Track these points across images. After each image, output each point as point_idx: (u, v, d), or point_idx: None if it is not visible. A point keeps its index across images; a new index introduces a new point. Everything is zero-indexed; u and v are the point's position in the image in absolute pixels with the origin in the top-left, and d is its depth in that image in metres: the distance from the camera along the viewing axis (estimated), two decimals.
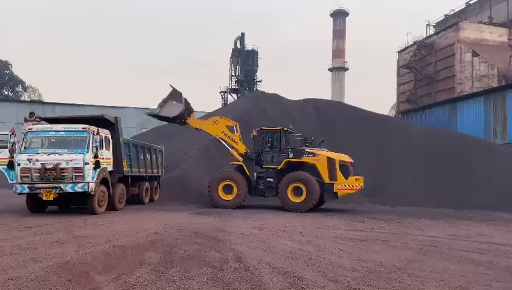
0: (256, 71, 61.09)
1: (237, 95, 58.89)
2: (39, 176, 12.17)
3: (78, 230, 9.62)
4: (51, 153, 12.37)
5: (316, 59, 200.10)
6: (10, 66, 58.12)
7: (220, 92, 60.06)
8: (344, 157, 15.77)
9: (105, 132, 13.61)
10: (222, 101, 58.94)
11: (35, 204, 13.06)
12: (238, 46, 60.81)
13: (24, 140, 12.71)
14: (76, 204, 14.11)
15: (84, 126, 12.77)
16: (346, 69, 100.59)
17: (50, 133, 13.01)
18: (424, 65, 43.55)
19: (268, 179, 15.90)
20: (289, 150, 15.81)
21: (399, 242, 8.93)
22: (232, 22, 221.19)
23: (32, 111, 15.00)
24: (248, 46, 60.86)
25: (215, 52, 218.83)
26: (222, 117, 17.52)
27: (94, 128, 12.87)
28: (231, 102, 53.93)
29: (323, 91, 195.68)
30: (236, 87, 60.53)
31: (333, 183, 15.18)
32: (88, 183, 12.29)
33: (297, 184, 15.12)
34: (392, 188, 19.29)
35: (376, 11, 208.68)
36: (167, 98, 16.62)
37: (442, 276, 6.02)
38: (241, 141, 16.66)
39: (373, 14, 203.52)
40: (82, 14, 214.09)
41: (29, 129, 12.96)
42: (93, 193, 12.55)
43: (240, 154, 16.39)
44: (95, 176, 12.59)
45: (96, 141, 12.64)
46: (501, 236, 10.23)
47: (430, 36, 44.65)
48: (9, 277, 5.49)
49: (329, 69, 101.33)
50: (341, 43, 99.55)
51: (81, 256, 6.79)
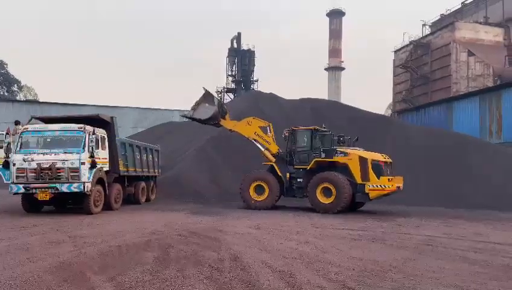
0: (252, 71, 61.13)
1: (234, 95, 58.89)
2: (35, 176, 12.13)
3: (74, 230, 9.59)
4: (47, 153, 12.33)
5: (313, 59, 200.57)
6: (6, 66, 57.87)
7: (217, 92, 60.06)
8: (377, 156, 15.07)
9: (101, 132, 13.57)
10: None
11: (30, 204, 13.01)
12: (235, 45, 60.83)
13: (19, 140, 12.66)
14: (72, 204, 14.06)
15: (80, 126, 12.73)
16: (342, 69, 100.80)
17: (46, 132, 12.96)
18: (420, 65, 43.70)
19: (298, 180, 15.58)
20: (321, 150, 15.37)
21: (395, 241, 8.95)
22: (229, 22, 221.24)
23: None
24: (244, 45, 60.93)
25: (211, 52, 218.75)
26: (255, 118, 17.23)
27: (90, 128, 12.84)
28: (228, 101, 53.93)
29: (319, 91, 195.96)
30: (233, 86, 60.55)
31: (365, 183, 14.53)
32: (84, 183, 12.26)
33: (326, 185, 14.64)
34: None
35: (372, 11, 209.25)
36: (200, 101, 16.80)
37: (437, 275, 6.05)
38: (274, 142, 16.50)
39: (369, 14, 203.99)
40: (81, 14, 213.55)
41: (24, 129, 12.91)
42: (89, 193, 12.51)
43: (273, 154, 16.21)
44: (91, 176, 12.55)
45: (92, 141, 12.61)
46: (497, 235, 10.27)
47: (426, 36, 44.82)
48: (4, 277, 5.47)
49: (325, 69, 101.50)
50: (337, 43, 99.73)
51: (76, 256, 6.78)
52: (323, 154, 15.30)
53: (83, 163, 12.29)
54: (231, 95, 59.46)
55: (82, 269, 5.97)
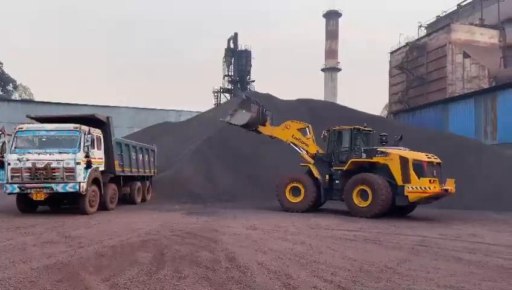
0: (249, 71, 61.11)
1: (230, 95, 58.87)
2: (30, 176, 12.09)
3: (69, 230, 9.56)
4: (42, 153, 12.28)
5: (309, 59, 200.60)
6: (1, 65, 57.59)
7: (213, 92, 60.10)
8: (420, 155, 13.98)
9: (97, 132, 13.54)
10: (215, 101, 58.99)
11: (25, 204, 12.96)
12: (231, 46, 60.83)
13: (14, 139, 12.60)
14: (67, 204, 14.02)
15: (75, 126, 12.69)
16: (339, 70, 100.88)
17: (41, 132, 12.91)
18: (416, 66, 43.84)
19: (337, 182, 14.98)
20: (362, 150, 14.66)
21: (390, 242, 8.98)
22: (226, 22, 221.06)
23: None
24: (241, 46, 60.94)
25: (208, 52, 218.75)
26: (293, 121, 16.94)
27: (86, 127, 12.80)
28: (224, 102, 53.92)
29: (316, 91, 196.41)
30: (229, 87, 60.54)
31: (405, 185, 13.53)
32: (79, 183, 12.23)
33: (362, 187, 13.90)
34: None
35: (368, 12, 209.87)
36: (238, 107, 16.92)
37: (432, 275, 6.07)
38: (313, 142, 16.10)
39: (366, 15, 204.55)
40: (77, 14, 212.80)
41: (19, 128, 12.85)
42: (84, 193, 12.48)
43: (312, 155, 15.82)
44: (87, 176, 12.51)
45: (87, 141, 12.57)
46: (491, 236, 10.33)
47: (422, 37, 44.97)
48: None
49: (322, 70, 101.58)
50: (334, 44, 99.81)
51: (71, 256, 6.76)
52: (364, 154, 14.52)
53: (78, 163, 12.25)
54: (228, 96, 59.45)
55: (77, 270, 5.95)
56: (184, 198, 18.34)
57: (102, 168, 13.78)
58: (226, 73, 60.82)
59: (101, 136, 13.85)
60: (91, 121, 13.69)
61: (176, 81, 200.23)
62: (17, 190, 12.24)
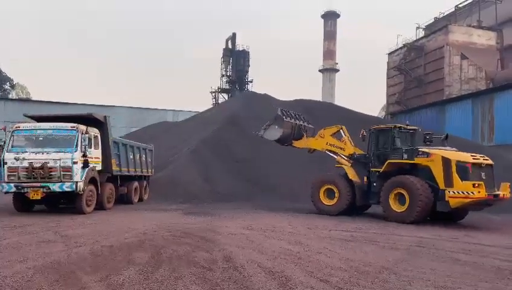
0: (247, 71, 61.14)
1: (228, 95, 58.88)
2: (26, 175, 12.05)
3: (66, 230, 9.53)
4: (39, 152, 12.24)
5: (308, 59, 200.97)
6: None
7: (211, 92, 60.11)
8: (465, 156, 12.62)
9: (94, 131, 13.51)
10: (213, 101, 59.01)
11: (22, 203, 12.91)
12: (230, 46, 60.83)
13: (11, 138, 12.55)
14: (64, 203, 13.98)
15: (72, 125, 12.65)
16: (336, 71, 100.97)
17: (38, 131, 12.86)
18: (414, 67, 43.95)
19: (374, 184, 14.13)
20: (403, 150, 13.60)
21: (387, 242, 8.99)
22: (224, 22, 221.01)
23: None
24: (239, 46, 60.95)
25: (207, 51, 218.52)
26: (326, 128, 16.20)
27: (83, 127, 12.76)
28: (222, 102, 53.95)
29: (314, 92, 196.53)
30: (227, 87, 60.54)
31: (446, 189, 12.34)
32: (76, 182, 12.19)
33: (399, 190, 12.95)
34: None
35: (367, 13, 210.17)
36: (271, 122, 16.81)
37: (429, 276, 6.08)
38: (350, 143, 15.43)
39: (364, 16, 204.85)
40: (75, 13, 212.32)
41: (16, 127, 12.81)
42: (81, 193, 12.44)
43: (349, 155, 15.19)
44: (84, 175, 12.48)
45: (85, 140, 12.55)
46: (487, 237, 10.36)
47: (420, 39, 45.10)
48: None
49: (320, 70, 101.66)
50: (332, 45, 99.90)
51: (68, 256, 6.74)
52: (405, 155, 13.47)
53: (76, 162, 12.22)
54: (225, 96, 59.46)
55: (73, 269, 5.94)
56: (181, 198, 18.31)
57: (99, 167, 13.74)
58: (224, 73, 60.83)
59: (99, 135, 13.81)
60: (88, 121, 13.65)
61: (174, 81, 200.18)
62: (13, 189, 12.20)
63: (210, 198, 18.86)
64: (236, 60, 60.04)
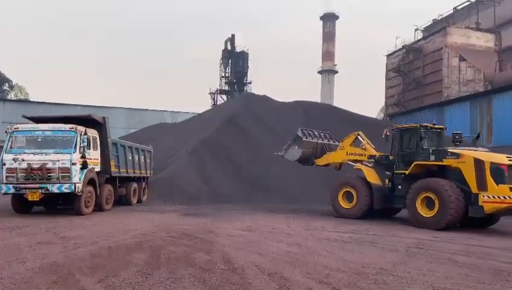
0: (246, 73, 61.20)
1: (227, 97, 58.90)
2: (25, 176, 12.03)
3: (64, 231, 9.52)
4: (37, 153, 12.23)
5: (307, 60, 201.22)
6: None
7: (210, 93, 60.15)
8: (500, 158, 11.74)
9: (93, 132, 13.50)
10: (212, 102, 59.03)
11: (21, 204, 12.89)
12: (229, 47, 60.89)
13: (10, 139, 12.54)
14: (62, 205, 13.95)
15: (71, 126, 12.65)
16: (335, 72, 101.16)
17: (36, 132, 12.84)
18: (412, 69, 44.01)
19: (399, 187, 13.35)
20: (430, 151, 12.76)
21: (386, 244, 8.99)
22: (224, 22, 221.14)
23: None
24: (238, 47, 61.05)
25: (206, 52, 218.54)
26: (344, 139, 15.77)
27: (82, 128, 12.76)
28: (221, 103, 53.99)
29: (313, 93, 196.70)
30: (226, 88, 60.57)
31: (479, 193, 11.44)
32: (75, 183, 12.18)
33: (427, 194, 12.08)
34: None
35: (366, 15, 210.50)
36: (291, 142, 16.82)
37: (427, 277, 6.09)
38: (370, 147, 15.04)
39: (363, 18, 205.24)
40: (74, 13, 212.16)
41: (15, 128, 12.80)
42: (80, 194, 12.43)
43: (370, 157, 14.74)
44: (82, 177, 12.47)
45: (83, 141, 12.54)
46: (487, 239, 10.36)
47: (418, 41, 45.18)
48: None
49: (319, 72, 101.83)
50: (331, 46, 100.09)
51: (66, 257, 6.73)
52: (432, 156, 12.62)
53: (74, 163, 12.21)
54: (224, 97, 59.47)
55: (72, 270, 5.93)
56: (180, 199, 18.29)
57: (98, 168, 13.73)
58: (223, 74, 60.88)
59: (97, 136, 13.80)
60: (87, 122, 13.65)
61: (173, 81, 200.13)
62: (12, 190, 12.19)
63: (209, 199, 18.86)
64: (235, 62, 60.13)
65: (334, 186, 14.89)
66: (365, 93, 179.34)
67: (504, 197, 11.06)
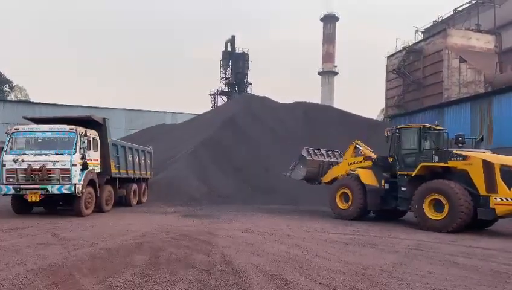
0: (246, 74, 61.22)
1: (227, 98, 58.93)
2: (25, 177, 12.03)
3: (64, 232, 9.51)
4: (38, 154, 12.24)
5: (307, 61, 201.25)
6: None
7: (210, 94, 60.20)
8: (509, 160, 11.80)
9: (93, 133, 13.50)
10: (212, 104, 59.05)
11: (20, 205, 12.90)
12: (229, 48, 60.94)
13: (10, 140, 12.54)
14: (62, 206, 13.94)
15: (71, 127, 12.65)
16: (335, 73, 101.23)
17: (37, 133, 12.86)
18: (413, 70, 44.01)
19: (402, 189, 13.18)
20: (432, 152, 12.61)
21: (386, 245, 8.99)
22: (224, 22, 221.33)
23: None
24: (239, 48, 61.08)
25: (207, 53, 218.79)
26: (345, 153, 16.16)
27: (82, 129, 12.77)
28: (221, 104, 54.01)
29: (313, 94, 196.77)
30: (226, 89, 60.61)
31: (490, 196, 11.28)
32: (75, 184, 12.19)
33: (436, 196, 11.89)
34: None
35: (366, 16, 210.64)
36: (296, 162, 17.03)
37: (427, 279, 6.08)
38: (369, 152, 15.06)
39: (363, 19, 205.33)
40: (74, 14, 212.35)
41: (15, 129, 12.81)
42: (80, 195, 12.43)
43: (367, 158, 14.79)
44: (82, 178, 12.47)
45: (83, 142, 12.54)
46: (486, 240, 10.35)
47: (419, 42, 45.18)
48: None
49: (319, 73, 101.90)
50: (331, 48, 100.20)
51: (66, 258, 6.72)
52: (435, 157, 12.44)
53: (74, 164, 12.21)
54: (225, 98, 59.49)
55: (72, 272, 5.92)
56: (180, 200, 18.30)
57: (98, 169, 13.73)
58: (224, 76, 60.92)
59: (97, 137, 13.81)
60: (87, 123, 13.66)
61: (173, 82, 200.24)
62: (12, 191, 12.19)
63: (209, 200, 18.87)
64: (235, 63, 60.15)
65: (332, 187, 15.23)
66: (365, 94, 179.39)
67: None
